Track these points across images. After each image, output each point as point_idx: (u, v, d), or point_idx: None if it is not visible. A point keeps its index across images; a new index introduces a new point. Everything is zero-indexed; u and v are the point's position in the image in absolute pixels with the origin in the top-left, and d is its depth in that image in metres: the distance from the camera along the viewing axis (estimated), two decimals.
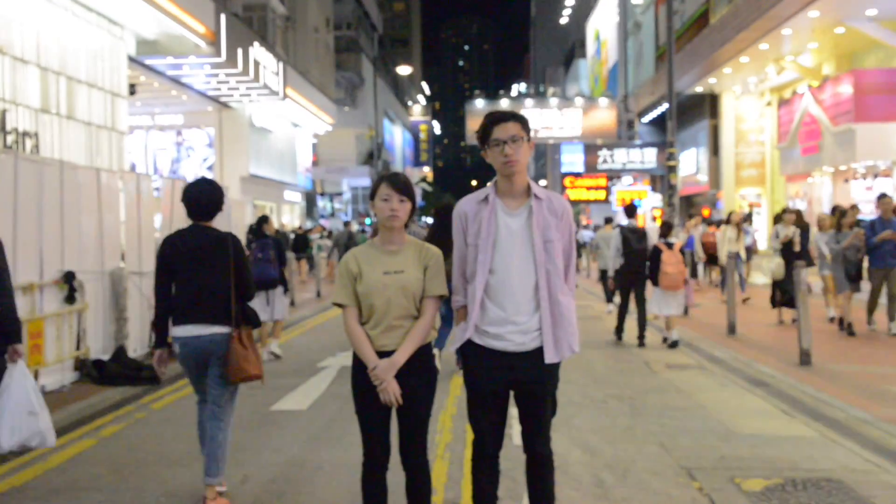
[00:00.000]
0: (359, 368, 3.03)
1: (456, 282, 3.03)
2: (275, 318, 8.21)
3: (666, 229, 8.91)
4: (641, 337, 8.97)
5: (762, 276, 16.24)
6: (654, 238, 8.91)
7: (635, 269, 8.88)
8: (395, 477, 3.13)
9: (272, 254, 7.97)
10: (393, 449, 3.09)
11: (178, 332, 3.90)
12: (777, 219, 12.95)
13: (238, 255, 3.98)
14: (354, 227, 21.19)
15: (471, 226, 2.91)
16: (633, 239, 8.92)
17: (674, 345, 8.79)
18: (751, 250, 15.47)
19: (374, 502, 3.06)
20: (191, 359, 3.96)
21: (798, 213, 17.92)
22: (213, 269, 3.89)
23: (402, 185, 3.01)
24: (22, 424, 3.93)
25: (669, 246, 8.59)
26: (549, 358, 2.89)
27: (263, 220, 8.41)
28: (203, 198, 3.97)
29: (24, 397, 4.00)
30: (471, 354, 2.94)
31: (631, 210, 9.55)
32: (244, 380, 3.94)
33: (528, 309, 2.88)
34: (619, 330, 9.32)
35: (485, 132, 2.90)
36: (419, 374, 3.01)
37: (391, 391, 2.93)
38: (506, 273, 2.86)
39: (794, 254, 10.32)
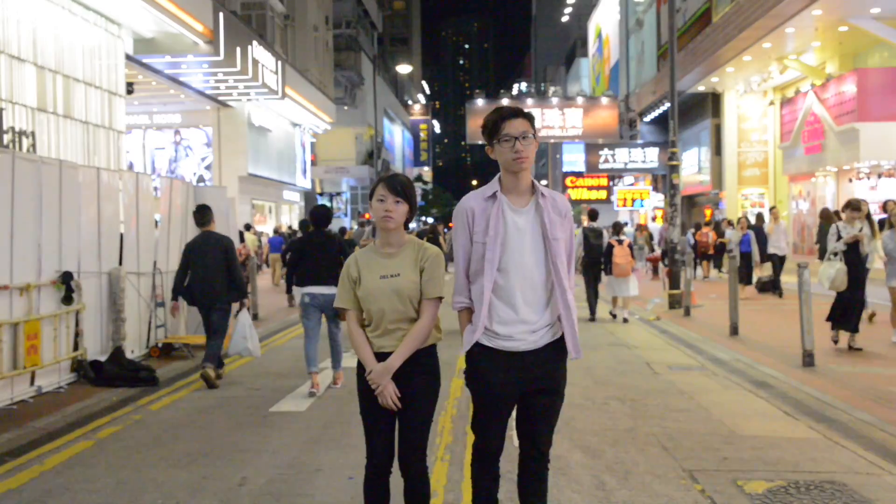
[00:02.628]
0: (363, 371, 3.01)
1: (459, 281, 2.96)
2: None
3: (617, 229, 11.47)
4: (593, 313, 11.43)
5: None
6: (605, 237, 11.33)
7: (593, 260, 11.43)
8: (396, 479, 3.08)
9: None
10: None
11: (308, 289, 6.55)
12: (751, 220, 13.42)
13: (341, 244, 6.78)
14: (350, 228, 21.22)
15: (477, 223, 2.84)
16: (591, 237, 11.50)
17: (625, 320, 11.02)
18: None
19: None
20: (314, 305, 6.55)
21: (759, 216, 18.15)
22: (327, 254, 6.56)
23: (398, 187, 2.96)
24: (238, 344, 7.16)
25: (620, 242, 11.04)
26: (574, 355, 2.87)
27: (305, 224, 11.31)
28: (322, 214, 6.81)
29: (242, 330, 7.15)
30: (481, 357, 2.86)
31: (594, 214, 12.01)
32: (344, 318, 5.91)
33: (538, 307, 2.83)
34: (592, 310, 11.53)
35: (494, 127, 2.85)
36: (420, 378, 2.97)
37: (388, 395, 2.89)
38: (515, 271, 2.81)
39: (859, 259, 8.04)
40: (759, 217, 19.55)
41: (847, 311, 7.96)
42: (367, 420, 3.03)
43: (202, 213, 7.28)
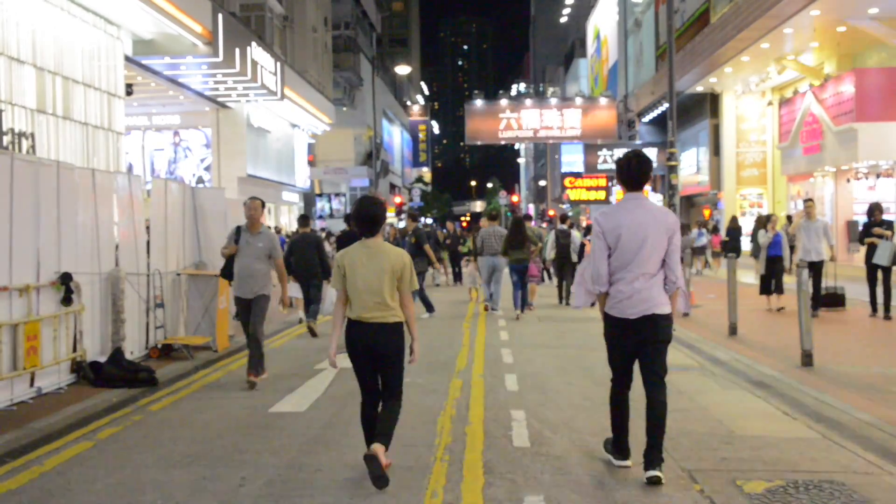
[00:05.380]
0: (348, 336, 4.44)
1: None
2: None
3: (588, 230, 13.97)
4: (565, 299, 13.62)
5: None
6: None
7: (563, 256, 13.65)
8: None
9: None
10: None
11: None
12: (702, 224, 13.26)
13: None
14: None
15: None
16: (560, 237, 13.87)
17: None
18: (704, 248, 20.34)
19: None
20: None
21: (733, 219, 17.94)
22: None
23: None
24: (329, 308, 7.80)
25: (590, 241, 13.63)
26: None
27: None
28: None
29: (331, 297, 8.72)
30: None
31: (563, 218, 15.34)
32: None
33: None
34: (560, 296, 13.82)
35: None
36: None
37: None
38: None
39: None
40: (734, 220, 19.79)
41: None
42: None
43: (301, 220, 11.04)
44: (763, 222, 11.84)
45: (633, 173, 4.26)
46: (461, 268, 19.94)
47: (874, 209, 10.62)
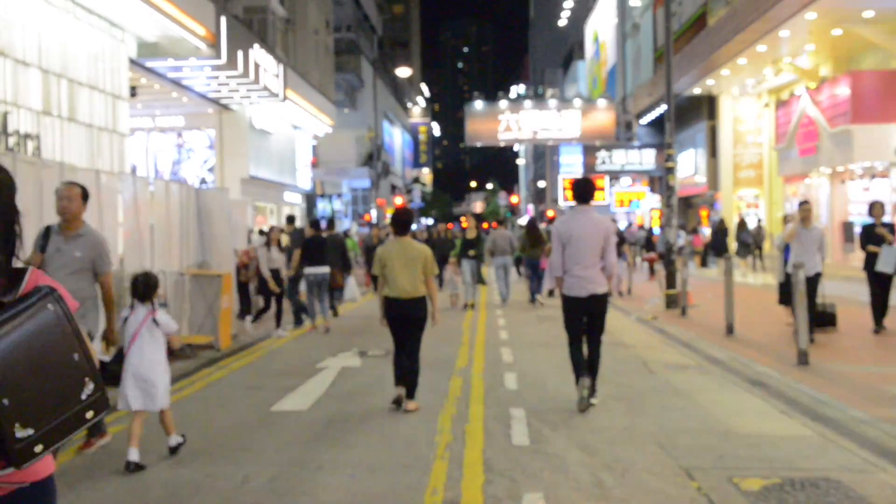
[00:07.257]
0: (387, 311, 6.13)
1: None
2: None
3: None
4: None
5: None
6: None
7: None
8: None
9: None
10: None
11: (309, 270, 10.42)
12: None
13: (343, 245, 12.61)
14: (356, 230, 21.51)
15: None
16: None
17: None
18: (682, 249, 19.87)
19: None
20: (315, 281, 10.45)
21: (721, 221, 17.27)
22: (326, 250, 10.66)
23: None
24: (352, 291, 13.96)
25: None
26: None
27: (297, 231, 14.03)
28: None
29: (352, 286, 13.68)
30: None
31: (552, 221, 14.77)
32: (335, 288, 11.84)
33: None
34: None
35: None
36: None
37: None
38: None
39: None
40: (721, 222, 19.64)
41: None
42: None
43: (327, 223, 12.61)
44: (745, 225, 11.54)
45: (581, 192, 5.98)
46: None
47: (878, 207, 9.34)
